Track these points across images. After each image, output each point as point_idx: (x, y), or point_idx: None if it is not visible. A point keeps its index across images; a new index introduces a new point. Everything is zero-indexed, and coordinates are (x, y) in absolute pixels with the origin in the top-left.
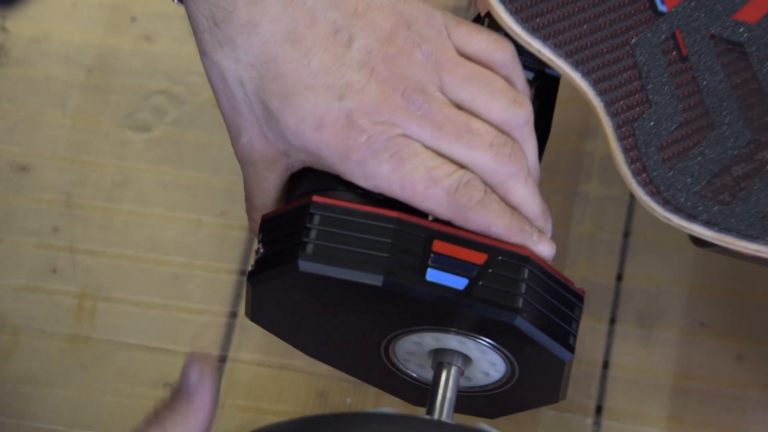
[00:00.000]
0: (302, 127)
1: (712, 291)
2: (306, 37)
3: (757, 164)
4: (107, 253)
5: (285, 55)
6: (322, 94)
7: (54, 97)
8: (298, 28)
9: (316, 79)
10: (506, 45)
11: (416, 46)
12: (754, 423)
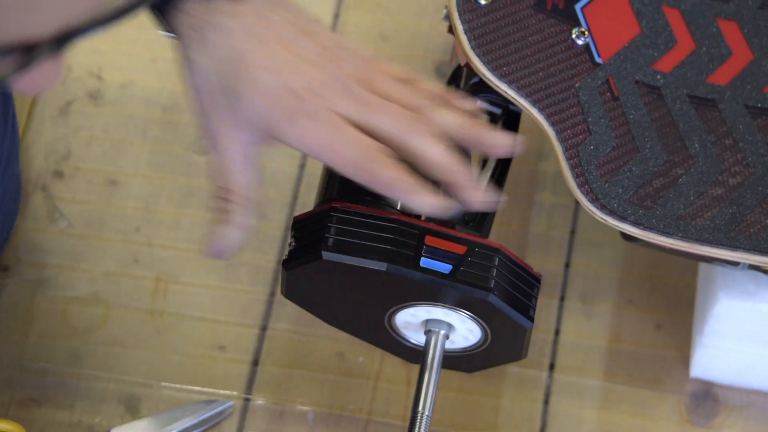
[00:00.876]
0: (257, 98)
1: (637, 275)
2: (269, 39)
3: (672, 178)
4: (177, 247)
5: (249, 48)
6: (276, 74)
7: (137, 129)
8: (263, 32)
9: (272, 63)
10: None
11: (353, 57)
12: (669, 376)
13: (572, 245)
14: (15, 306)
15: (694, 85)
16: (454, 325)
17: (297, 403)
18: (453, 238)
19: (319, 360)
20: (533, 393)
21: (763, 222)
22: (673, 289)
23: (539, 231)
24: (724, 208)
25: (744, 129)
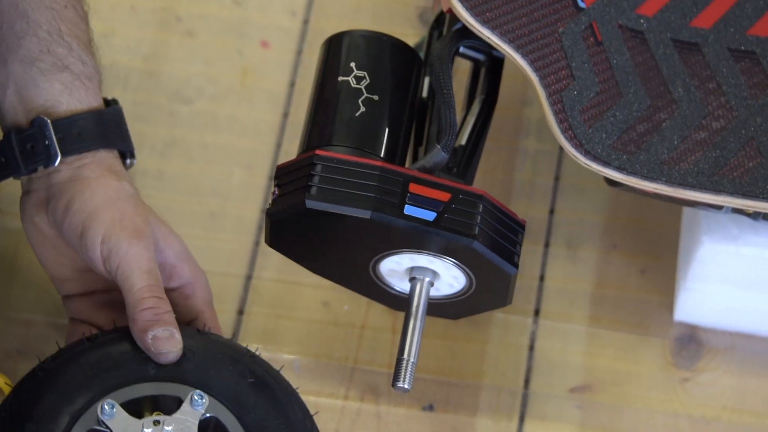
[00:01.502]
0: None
1: (622, 220)
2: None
3: (655, 123)
4: (161, 197)
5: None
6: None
7: (118, 80)
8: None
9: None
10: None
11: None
12: (653, 320)
13: (556, 191)
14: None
15: (677, 29)
16: (439, 273)
17: (283, 352)
18: (437, 186)
19: (304, 309)
20: (518, 339)
21: (747, 165)
22: (657, 233)
23: (523, 178)
24: (707, 152)
25: (727, 72)
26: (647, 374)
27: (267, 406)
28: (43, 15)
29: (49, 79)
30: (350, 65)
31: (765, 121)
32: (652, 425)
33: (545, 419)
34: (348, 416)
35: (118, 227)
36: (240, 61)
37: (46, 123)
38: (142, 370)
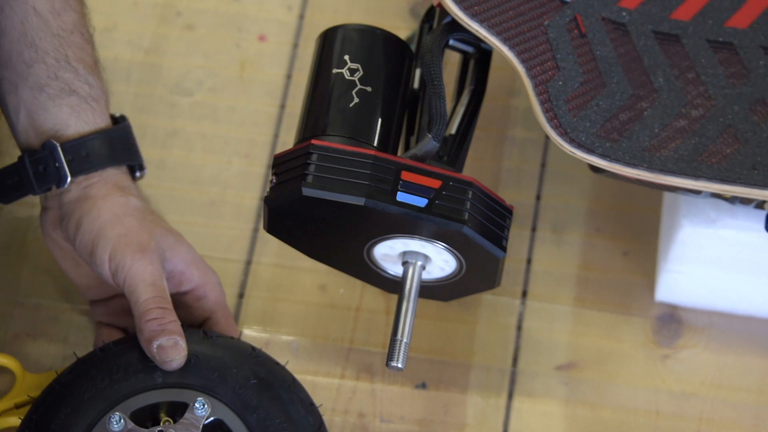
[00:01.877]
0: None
1: (605, 205)
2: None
3: (637, 111)
4: (162, 186)
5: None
6: None
7: (120, 73)
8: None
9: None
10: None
11: None
12: (635, 300)
13: (543, 178)
14: (8, 243)
15: (658, 21)
16: (430, 257)
17: (282, 333)
18: (428, 173)
19: (301, 292)
20: (507, 319)
21: (724, 152)
22: (638, 217)
23: (511, 165)
24: (687, 139)
25: (706, 63)
26: (630, 352)
27: (269, 406)
28: (50, 43)
29: (58, 104)
30: (344, 58)
31: (742, 109)
32: (634, 400)
33: (532, 395)
34: (344, 394)
35: (123, 243)
36: (238, 54)
37: (55, 146)
38: (150, 378)
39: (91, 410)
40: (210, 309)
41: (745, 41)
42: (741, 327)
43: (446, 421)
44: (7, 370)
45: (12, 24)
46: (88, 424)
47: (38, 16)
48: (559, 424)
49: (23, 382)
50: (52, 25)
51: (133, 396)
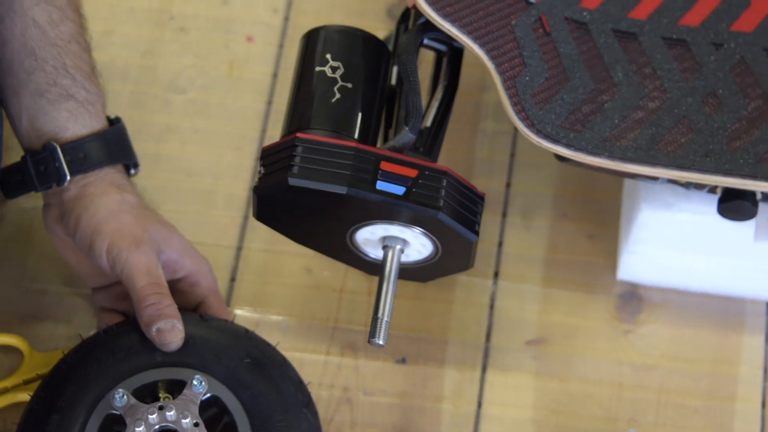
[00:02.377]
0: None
1: (570, 192)
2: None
3: (598, 104)
4: (158, 177)
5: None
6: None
7: (118, 73)
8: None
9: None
10: None
11: None
12: (599, 280)
13: (512, 167)
14: (15, 234)
15: (617, 20)
16: (409, 241)
17: (271, 314)
18: (405, 163)
19: (289, 275)
20: (480, 299)
21: (679, 141)
22: (601, 203)
23: (483, 155)
24: (644, 129)
25: (661, 58)
26: (594, 328)
27: (262, 383)
28: (48, 52)
29: (57, 108)
30: (326, 57)
31: (695, 101)
32: (598, 373)
33: (505, 369)
34: (330, 370)
35: (119, 237)
36: (227, 54)
37: (55, 148)
38: (150, 358)
39: (96, 387)
40: (203, 294)
41: (697, 38)
42: (696, 303)
43: (425, 394)
44: (15, 349)
45: (13, 35)
46: (93, 400)
47: (37, 27)
48: (529, 396)
49: (31, 360)
50: (51, 36)
51: (134, 374)
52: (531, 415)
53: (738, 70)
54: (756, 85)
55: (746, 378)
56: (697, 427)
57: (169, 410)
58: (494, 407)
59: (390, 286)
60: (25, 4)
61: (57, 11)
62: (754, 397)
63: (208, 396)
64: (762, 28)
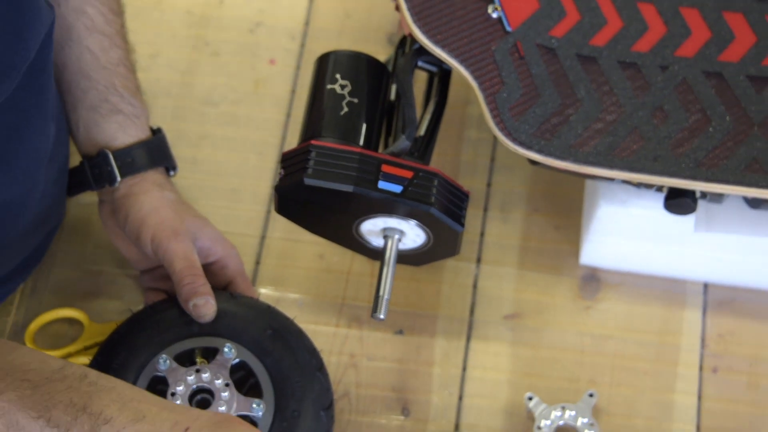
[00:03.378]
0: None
1: (541, 190)
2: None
3: (565, 117)
4: (195, 178)
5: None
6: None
7: (162, 89)
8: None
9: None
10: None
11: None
12: (565, 263)
13: (492, 169)
14: (76, 224)
15: (579, 47)
16: (405, 231)
17: (289, 292)
18: (402, 166)
19: (304, 260)
20: (465, 280)
21: (632, 148)
22: (567, 199)
23: (467, 159)
24: (603, 138)
25: (617, 78)
26: (560, 304)
27: (282, 351)
28: (100, 74)
29: (108, 121)
30: (336, 76)
31: (645, 114)
32: (563, 341)
33: (485, 339)
34: (338, 340)
35: (160, 229)
36: (253, 74)
37: (107, 154)
38: (188, 329)
39: (143, 353)
40: (232, 275)
41: (647, 62)
42: (645, 283)
43: (418, 360)
44: (77, 321)
45: (71, 60)
46: (140, 364)
47: (91, 53)
48: (506, 361)
49: (90, 330)
50: (102, 60)
51: (175, 342)
52: (507, 377)
53: (681, 88)
54: (696, 102)
55: (686, 346)
56: (645, 386)
57: (204, 373)
58: (476, 370)
59: (389, 270)
60: (80, 35)
61: (107, 39)
62: (693, 362)
63: (237, 361)
64: (701, 54)
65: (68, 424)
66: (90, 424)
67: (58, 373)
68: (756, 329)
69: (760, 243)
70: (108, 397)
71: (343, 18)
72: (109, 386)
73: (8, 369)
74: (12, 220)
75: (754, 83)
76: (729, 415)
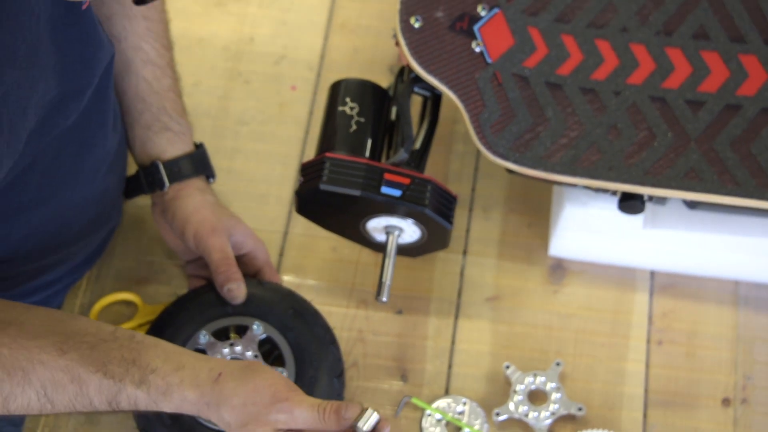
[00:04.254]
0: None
1: (516, 194)
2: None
3: (536, 133)
4: (230, 185)
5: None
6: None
7: (203, 111)
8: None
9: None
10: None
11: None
12: (536, 255)
13: (476, 176)
14: (133, 221)
15: (548, 75)
16: (404, 228)
17: (308, 279)
18: (401, 174)
19: (320, 252)
20: (454, 268)
21: (591, 159)
22: (538, 201)
23: (455, 168)
24: (567, 151)
25: (579, 102)
26: (533, 289)
27: (301, 327)
28: (153, 98)
29: (159, 137)
30: (346, 100)
31: (602, 131)
32: (535, 319)
33: (470, 318)
34: (348, 318)
35: (201, 226)
36: (278, 98)
37: (158, 164)
38: (224, 309)
39: (186, 329)
40: (260, 265)
41: (603, 88)
42: (602, 271)
43: (415, 335)
44: (132, 302)
45: (129, 87)
46: (185, 338)
47: (146, 81)
48: (487, 336)
49: (143, 310)
50: (155, 87)
51: (213, 321)
52: (489, 349)
53: (631, 110)
54: (643, 121)
55: (636, 323)
56: (602, 356)
57: (237, 346)
58: (463, 344)
59: (391, 260)
60: (137, 67)
61: (159, 70)
62: (642, 336)
63: (263, 336)
64: (647, 82)
65: (121, 374)
66: (140, 374)
67: (110, 335)
68: (693, 308)
69: (696, 237)
70: (153, 352)
71: (352, 52)
72: (153, 343)
73: (70, 333)
74: (78, 217)
75: (690, 106)
76: (671, 379)
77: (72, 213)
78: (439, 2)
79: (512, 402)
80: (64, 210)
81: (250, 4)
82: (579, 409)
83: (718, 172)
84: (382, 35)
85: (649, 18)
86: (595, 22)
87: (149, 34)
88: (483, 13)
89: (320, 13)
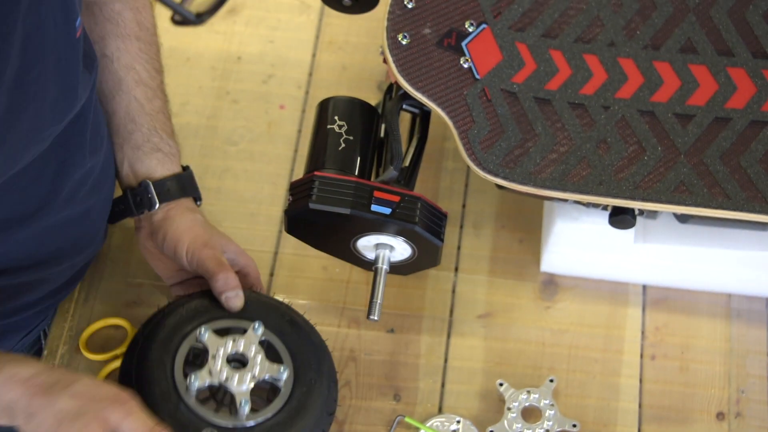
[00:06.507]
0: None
1: (507, 210)
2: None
3: (525, 149)
4: (219, 204)
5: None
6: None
7: (191, 131)
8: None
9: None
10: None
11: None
12: (528, 271)
13: (466, 193)
14: (121, 244)
15: (536, 91)
16: (394, 246)
17: (299, 298)
18: (391, 192)
19: (311, 271)
20: (445, 286)
21: (581, 174)
22: (529, 217)
23: (445, 185)
24: (557, 166)
25: (568, 116)
26: (525, 305)
27: (297, 333)
28: (144, 119)
29: (149, 158)
30: (335, 118)
31: (592, 146)
32: (528, 336)
33: (463, 335)
34: (340, 337)
35: (194, 242)
36: (266, 117)
37: (149, 184)
38: (221, 313)
39: (185, 326)
40: (251, 282)
41: (592, 103)
42: (594, 286)
43: (407, 353)
44: (122, 327)
45: (120, 107)
46: (183, 335)
47: (137, 102)
48: (480, 354)
49: (133, 335)
50: (146, 108)
51: (211, 321)
52: (481, 366)
53: (620, 124)
54: (633, 135)
55: (629, 338)
56: (595, 372)
57: (239, 341)
58: (456, 361)
59: (382, 278)
60: (129, 87)
61: (151, 91)
62: (635, 351)
63: (262, 339)
64: (636, 96)
65: None
66: None
67: None
68: (686, 322)
69: (688, 251)
70: None
71: (340, 70)
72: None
73: None
74: (58, 237)
75: (679, 119)
76: (665, 394)
77: (53, 232)
78: (427, 19)
79: (506, 420)
80: (44, 230)
81: (237, 22)
82: (573, 425)
83: (708, 186)
84: (370, 52)
85: (637, 32)
86: (582, 36)
87: (142, 56)
88: (471, 29)
89: (308, 31)
